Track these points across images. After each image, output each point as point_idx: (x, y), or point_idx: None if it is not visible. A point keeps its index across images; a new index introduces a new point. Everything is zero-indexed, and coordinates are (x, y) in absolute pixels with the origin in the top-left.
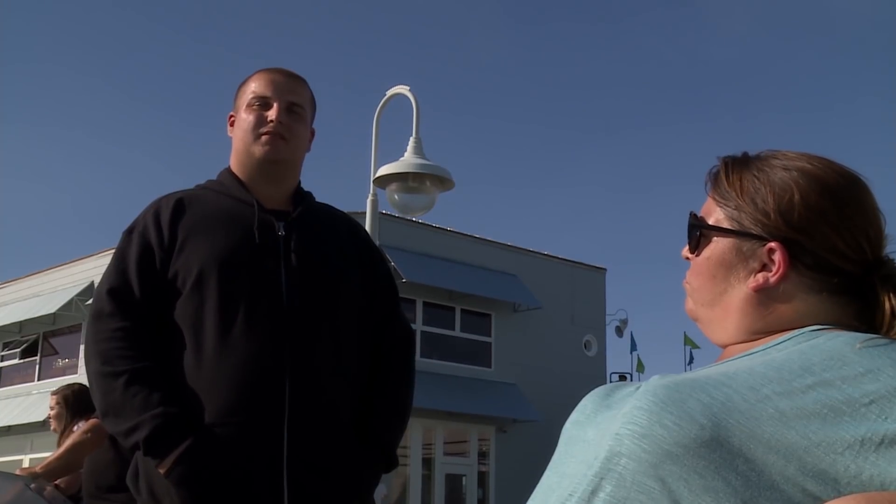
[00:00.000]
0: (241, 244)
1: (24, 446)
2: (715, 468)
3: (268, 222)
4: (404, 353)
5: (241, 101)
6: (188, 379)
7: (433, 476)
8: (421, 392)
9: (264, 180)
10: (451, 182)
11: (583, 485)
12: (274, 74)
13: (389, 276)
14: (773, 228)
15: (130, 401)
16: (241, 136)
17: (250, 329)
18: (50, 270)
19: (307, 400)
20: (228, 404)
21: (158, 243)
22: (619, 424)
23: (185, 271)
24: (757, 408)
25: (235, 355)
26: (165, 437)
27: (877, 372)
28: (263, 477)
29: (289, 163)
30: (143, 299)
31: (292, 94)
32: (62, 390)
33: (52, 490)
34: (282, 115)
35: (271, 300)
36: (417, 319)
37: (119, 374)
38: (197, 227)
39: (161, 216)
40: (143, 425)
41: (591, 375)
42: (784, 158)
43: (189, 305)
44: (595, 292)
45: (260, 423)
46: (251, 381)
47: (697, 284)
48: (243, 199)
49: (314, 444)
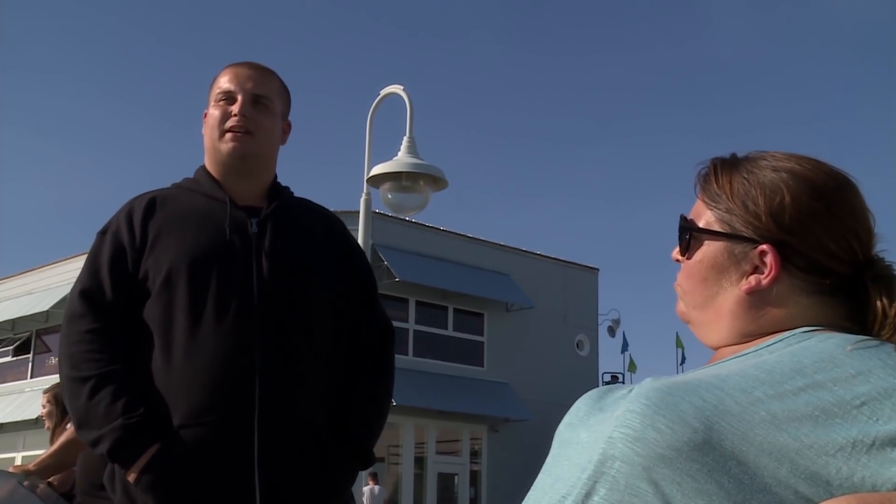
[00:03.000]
0: (212, 242)
1: (17, 444)
2: (707, 471)
3: (240, 219)
4: (382, 348)
5: (210, 97)
6: (157, 380)
7: (425, 475)
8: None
9: (235, 176)
10: (444, 181)
11: (577, 488)
12: (238, 68)
13: (367, 271)
14: (764, 231)
15: (94, 409)
16: (209, 133)
17: (220, 328)
18: (43, 268)
19: (278, 399)
20: (198, 405)
21: (130, 243)
22: (612, 427)
23: (155, 270)
24: (749, 411)
25: (205, 355)
26: (128, 449)
27: (867, 374)
28: (235, 477)
29: (257, 157)
30: (115, 301)
31: (257, 87)
32: (53, 388)
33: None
34: (246, 108)
35: (242, 298)
36: (410, 318)
37: (86, 379)
38: (168, 226)
39: (133, 216)
40: (105, 438)
41: (583, 375)
42: (773, 159)
43: (158, 305)
44: (587, 292)
45: (230, 423)
46: (221, 380)
47: (689, 287)
48: (216, 197)
49: (286, 444)
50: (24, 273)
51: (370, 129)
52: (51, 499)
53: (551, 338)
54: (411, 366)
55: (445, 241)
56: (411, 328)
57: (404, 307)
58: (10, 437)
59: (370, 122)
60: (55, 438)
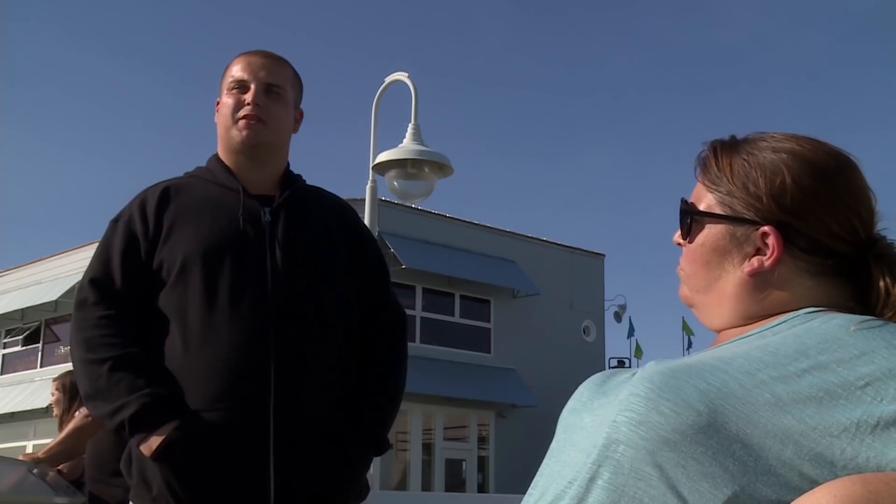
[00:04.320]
0: (226, 231)
1: (28, 432)
2: (712, 454)
3: (253, 208)
4: (395, 336)
5: (222, 85)
6: (173, 367)
7: (433, 461)
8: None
9: (248, 165)
10: (449, 168)
11: (582, 472)
12: (251, 57)
13: (379, 259)
14: (765, 212)
15: (116, 385)
16: (222, 122)
17: (235, 316)
18: (51, 258)
19: (293, 386)
20: (214, 392)
21: (144, 233)
22: (616, 412)
23: (169, 260)
24: (753, 393)
25: (220, 343)
26: (151, 416)
27: (871, 354)
28: (250, 463)
29: (270, 146)
30: (126, 289)
31: (270, 76)
32: (62, 377)
33: (54, 475)
34: (259, 97)
35: (256, 287)
36: (417, 305)
37: (104, 360)
38: (182, 216)
39: (147, 206)
40: (130, 404)
41: (589, 361)
42: (773, 140)
43: (173, 294)
44: (593, 278)
45: (246, 410)
46: (236, 368)
47: (692, 271)
48: (229, 186)
49: (301, 431)
50: (32, 263)
51: (375, 117)
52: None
53: (558, 324)
54: (418, 353)
55: (451, 228)
56: (418, 315)
57: (411, 294)
58: (20, 425)
59: (375, 109)
60: (63, 426)
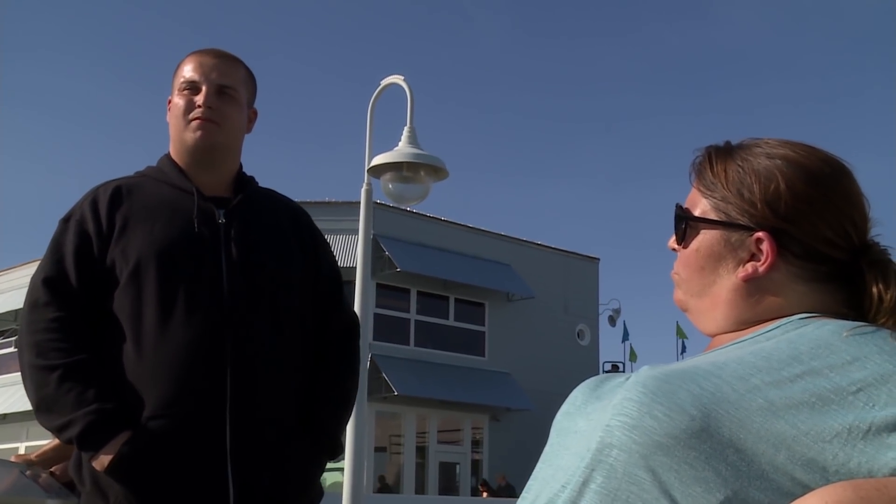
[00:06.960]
0: (181, 233)
1: (21, 434)
2: (705, 459)
3: (208, 210)
4: (348, 341)
5: (174, 84)
6: (127, 371)
7: (427, 464)
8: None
9: (201, 167)
10: (445, 172)
11: (575, 476)
12: (203, 57)
13: (332, 263)
14: (760, 218)
15: (64, 397)
16: (174, 123)
17: (190, 319)
18: None
19: (249, 390)
20: (169, 395)
21: (96, 232)
22: (610, 416)
23: (122, 261)
24: (746, 398)
25: (175, 346)
26: (100, 434)
27: (864, 360)
28: (207, 468)
29: (223, 147)
30: (79, 289)
31: (222, 76)
32: None
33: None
34: (210, 99)
35: (211, 290)
36: (411, 308)
37: (53, 367)
38: (135, 216)
39: (98, 204)
40: (77, 422)
41: (584, 364)
42: (767, 146)
43: (127, 296)
44: (588, 282)
45: (202, 413)
46: (192, 371)
47: (686, 275)
48: (182, 187)
49: (257, 434)
50: (25, 264)
51: (371, 120)
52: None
53: (552, 327)
54: (412, 356)
55: (446, 232)
56: (412, 318)
57: (405, 297)
58: (13, 427)
59: (371, 112)
60: None
